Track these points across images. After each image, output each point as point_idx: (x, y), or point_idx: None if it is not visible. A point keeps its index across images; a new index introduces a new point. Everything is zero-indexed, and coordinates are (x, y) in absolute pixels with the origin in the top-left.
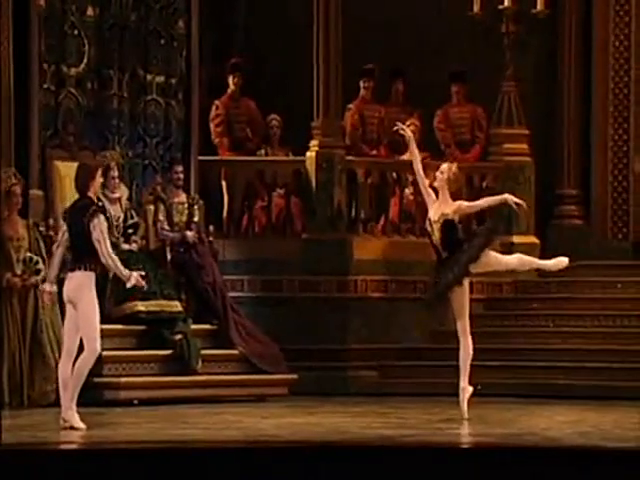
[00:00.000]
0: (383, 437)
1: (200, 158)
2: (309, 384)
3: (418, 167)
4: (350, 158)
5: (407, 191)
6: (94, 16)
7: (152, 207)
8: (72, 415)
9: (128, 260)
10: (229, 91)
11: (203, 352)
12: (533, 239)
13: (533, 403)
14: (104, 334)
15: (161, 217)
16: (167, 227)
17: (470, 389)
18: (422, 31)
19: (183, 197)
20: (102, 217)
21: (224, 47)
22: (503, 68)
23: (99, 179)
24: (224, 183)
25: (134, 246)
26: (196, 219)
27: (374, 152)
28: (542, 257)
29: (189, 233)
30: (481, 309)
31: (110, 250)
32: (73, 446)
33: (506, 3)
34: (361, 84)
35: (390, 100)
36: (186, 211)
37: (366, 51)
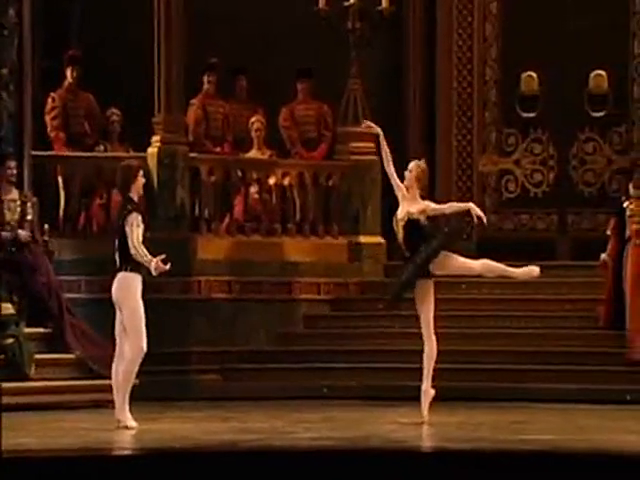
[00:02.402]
0: (226, 443)
1: (34, 153)
2: (151, 389)
3: (389, 166)
4: (193, 155)
5: (252, 189)
6: None
7: None
8: (125, 415)
9: None
10: (66, 83)
11: (37, 356)
12: (379, 239)
13: (380, 405)
14: None
15: None
16: None
17: (432, 392)
18: (267, 26)
19: (15, 194)
20: (135, 214)
21: (61, 38)
22: (349, 65)
23: (141, 179)
24: (60, 180)
25: None
26: (29, 217)
27: (218, 149)
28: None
29: (22, 232)
30: (327, 310)
31: (138, 241)
32: None
33: (351, 0)
34: (204, 79)
35: (234, 96)
36: (18, 209)
37: (210, 45)
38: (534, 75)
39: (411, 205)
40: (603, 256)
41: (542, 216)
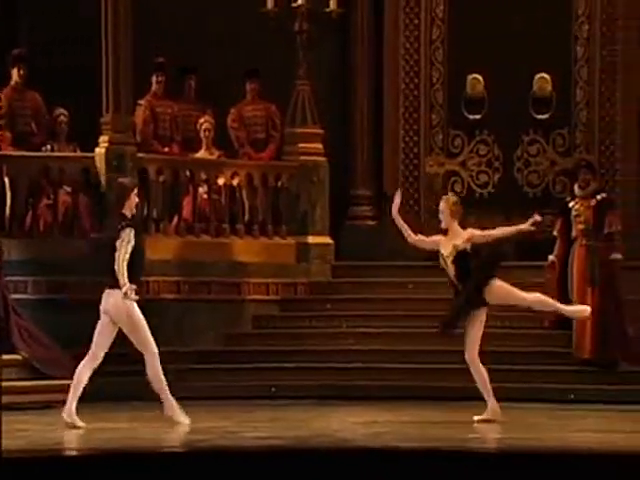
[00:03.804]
0: (175, 443)
1: None
2: (100, 389)
3: (412, 236)
4: (141, 155)
5: (201, 190)
6: None
7: None
8: (176, 413)
9: None
10: (12, 82)
11: None
12: (327, 239)
13: (327, 404)
14: None
15: None
16: None
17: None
18: (216, 27)
19: None
20: (128, 230)
21: (7, 37)
22: (297, 66)
23: (134, 198)
24: (6, 180)
25: None
26: None
27: (166, 149)
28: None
29: None
30: (276, 310)
31: (124, 258)
32: None
33: (299, 1)
34: (153, 79)
35: (183, 96)
36: None
37: (158, 46)
38: (480, 77)
39: (455, 239)
40: (551, 257)
41: (488, 217)
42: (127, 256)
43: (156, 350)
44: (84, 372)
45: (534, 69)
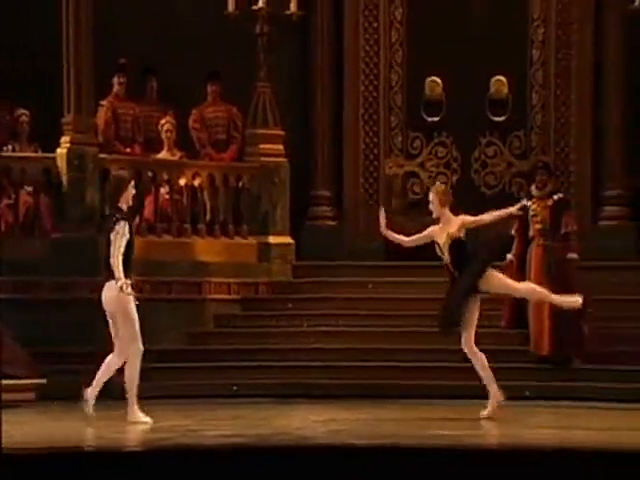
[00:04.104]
0: (137, 441)
1: None
2: (61, 388)
3: (409, 241)
4: (103, 156)
5: (162, 190)
6: None
7: None
8: (136, 414)
9: None
10: None
11: None
12: (288, 239)
13: (289, 403)
14: None
15: None
16: None
17: (500, 396)
18: (178, 29)
19: None
20: (123, 222)
21: None
22: (258, 69)
23: (131, 190)
24: None
25: None
26: None
27: (128, 150)
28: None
29: None
30: (238, 310)
31: (119, 252)
32: None
33: (260, 4)
34: (114, 80)
35: (144, 98)
36: None
37: (120, 47)
38: (438, 80)
39: (448, 227)
40: (509, 256)
41: None
42: (122, 249)
43: (142, 348)
44: (128, 368)
45: (491, 72)
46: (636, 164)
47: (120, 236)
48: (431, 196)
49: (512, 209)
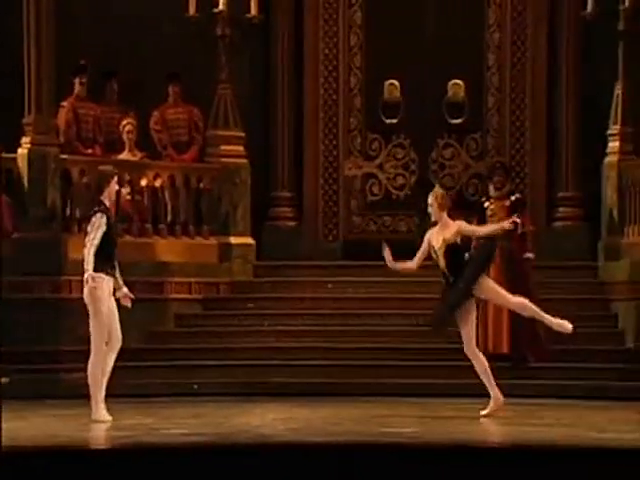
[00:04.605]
0: (97, 440)
1: None
2: (23, 387)
3: (410, 267)
4: (64, 157)
5: (124, 191)
6: None
7: None
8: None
9: None
10: None
11: None
12: (249, 240)
13: (248, 401)
14: None
15: None
16: None
17: (501, 399)
18: (139, 30)
19: None
20: (99, 214)
21: None
22: (219, 70)
23: (114, 185)
24: None
25: None
26: None
27: (89, 151)
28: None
29: None
30: (199, 309)
31: (92, 244)
32: None
33: (221, 7)
34: (75, 81)
35: (105, 98)
36: None
37: (81, 47)
38: (396, 83)
39: (444, 231)
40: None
41: (404, 218)
42: (96, 242)
43: (118, 346)
44: (90, 365)
45: (448, 75)
46: (589, 166)
47: (95, 228)
48: (430, 199)
49: (505, 224)
